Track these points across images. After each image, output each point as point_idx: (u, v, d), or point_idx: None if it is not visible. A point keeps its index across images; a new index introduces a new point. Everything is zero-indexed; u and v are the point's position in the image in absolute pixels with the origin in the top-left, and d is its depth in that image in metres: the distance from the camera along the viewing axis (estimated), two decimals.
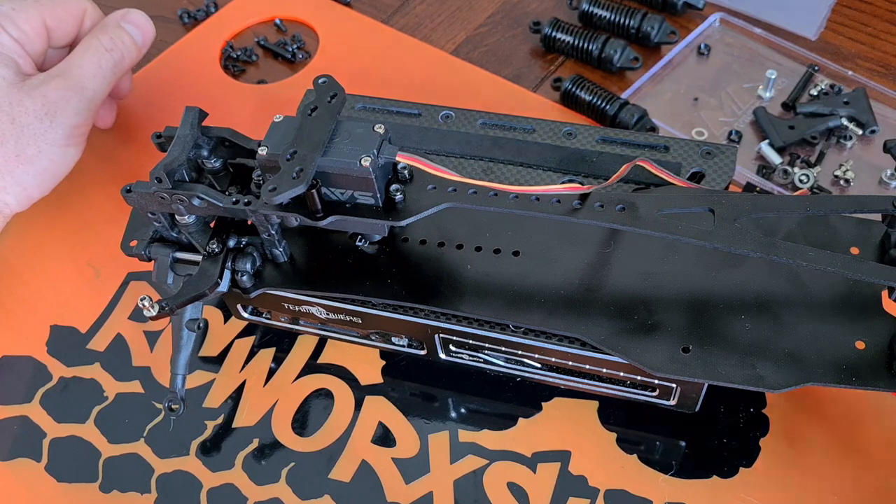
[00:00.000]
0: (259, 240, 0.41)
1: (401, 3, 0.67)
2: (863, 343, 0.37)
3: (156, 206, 0.40)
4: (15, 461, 0.45)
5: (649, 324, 0.38)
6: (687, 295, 0.39)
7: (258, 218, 0.39)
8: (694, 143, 0.45)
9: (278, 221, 0.39)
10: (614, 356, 0.38)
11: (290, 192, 0.35)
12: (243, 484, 0.44)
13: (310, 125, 0.36)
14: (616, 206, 0.36)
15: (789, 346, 0.37)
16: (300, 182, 0.34)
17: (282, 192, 0.35)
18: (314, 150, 0.35)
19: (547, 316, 0.39)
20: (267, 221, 0.39)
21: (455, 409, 0.45)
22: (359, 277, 0.41)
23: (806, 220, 0.40)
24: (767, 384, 0.36)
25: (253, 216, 0.39)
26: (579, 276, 0.40)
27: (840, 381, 0.36)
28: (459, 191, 0.37)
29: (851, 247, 0.39)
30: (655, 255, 0.40)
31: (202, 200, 0.39)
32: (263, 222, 0.39)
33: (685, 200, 0.36)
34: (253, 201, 0.38)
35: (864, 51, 0.60)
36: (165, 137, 0.41)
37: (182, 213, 0.40)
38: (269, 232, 0.40)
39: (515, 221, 0.42)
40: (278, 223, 0.40)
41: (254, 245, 0.41)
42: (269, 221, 0.39)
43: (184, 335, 0.41)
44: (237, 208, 0.38)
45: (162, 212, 0.40)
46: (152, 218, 0.41)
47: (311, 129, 0.36)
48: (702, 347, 0.38)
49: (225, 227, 0.41)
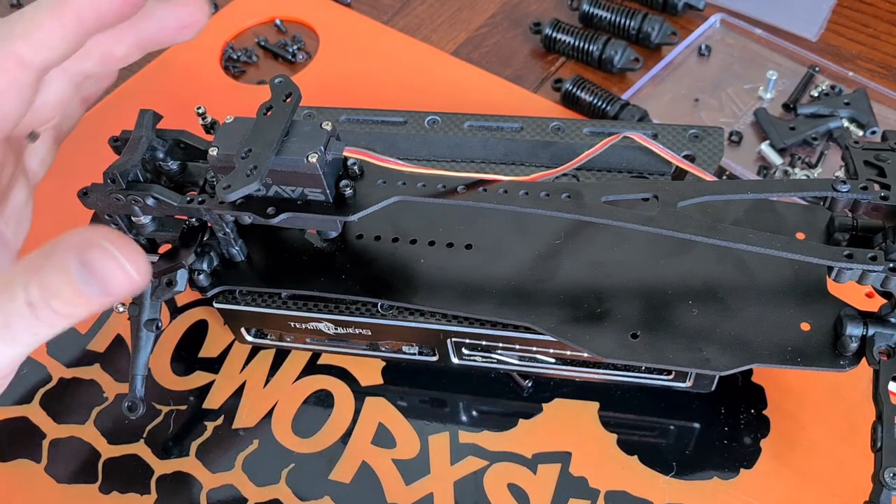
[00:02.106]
0: (216, 239, 0.42)
1: (401, 4, 0.67)
2: (808, 325, 0.38)
3: (112, 207, 0.40)
4: (14, 462, 0.45)
5: (599, 312, 0.39)
6: (636, 283, 0.40)
7: (213, 217, 0.39)
8: (681, 127, 0.46)
9: (233, 220, 0.40)
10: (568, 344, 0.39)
11: (244, 189, 0.35)
12: (243, 485, 0.44)
13: (264, 124, 0.37)
14: (562, 195, 0.36)
15: (736, 329, 0.38)
16: (253, 179, 0.35)
17: (236, 189, 0.35)
18: (268, 149, 0.36)
19: (498, 306, 0.40)
20: (222, 220, 0.40)
21: (455, 410, 0.45)
22: (314, 274, 0.42)
23: (753, 208, 0.41)
24: (713, 366, 0.37)
25: (207, 215, 0.39)
26: (531, 267, 0.41)
27: (785, 361, 0.37)
28: (409, 184, 0.38)
29: (797, 232, 0.40)
30: (605, 245, 0.41)
31: (157, 200, 0.39)
32: (218, 221, 0.40)
33: (629, 187, 0.37)
34: (207, 200, 0.39)
35: (865, 52, 0.60)
36: (122, 140, 0.42)
37: (137, 214, 0.40)
38: (225, 231, 0.40)
39: (469, 215, 0.43)
40: (233, 222, 0.40)
41: (211, 245, 0.42)
42: (224, 220, 0.40)
43: (142, 336, 0.41)
44: (191, 207, 0.39)
45: (118, 214, 0.41)
46: (109, 220, 0.41)
47: (265, 128, 0.36)
48: (650, 333, 0.38)
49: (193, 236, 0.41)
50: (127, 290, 0.30)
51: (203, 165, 0.42)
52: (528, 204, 0.36)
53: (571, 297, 0.40)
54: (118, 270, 0.30)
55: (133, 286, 0.30)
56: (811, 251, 0.34)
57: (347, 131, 0.48)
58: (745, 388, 0.44)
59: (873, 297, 0.43)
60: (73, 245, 0.30)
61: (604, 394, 0.45)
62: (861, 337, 0.36)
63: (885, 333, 0.36)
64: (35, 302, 0.30)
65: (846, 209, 0.36)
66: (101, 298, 0.30)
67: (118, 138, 0.42)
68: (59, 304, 0.30)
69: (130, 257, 0.30)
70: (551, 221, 0.42)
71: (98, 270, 0.30)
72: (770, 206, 0.41)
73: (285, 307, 0.43)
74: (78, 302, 0.30)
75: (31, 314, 0.30)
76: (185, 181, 0.42)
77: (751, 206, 0.41)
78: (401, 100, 0.57)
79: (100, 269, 0.30)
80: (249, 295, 0.43)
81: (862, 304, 0.38)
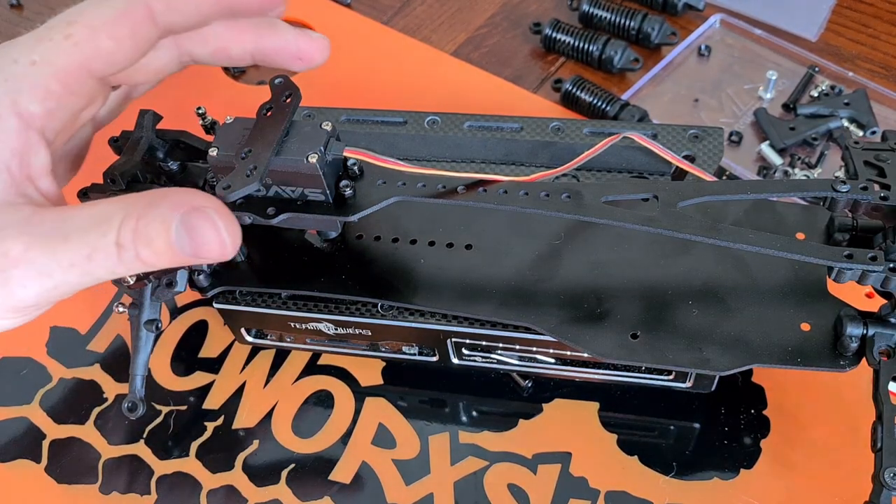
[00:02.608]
0: None
1: (401, 5, 0.67)
2: (808, 325, 0.38)
3: None
4: (14, 462, 0.45)
5: (598, 312, 0.39)
6: (636, 283, 0.40)
7: None
8: (681, 127, 0.46)
9: None
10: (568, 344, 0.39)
11: (244, 189, 0.35)
12: (243, 485, 0.44)
13: (264, 124, 0.37)
14: (562, 195, 0.36)
15: (736, 329, 0.38)
16: (253, 179, 0.35)
17: (236, 189, 0.35)
18: (268, 149, 0.36)
19: (498, 307, 0.40)
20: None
21: (455, 410, 0.45)
22: (314, 274, 0.41)
23: (753, 208, 0.41)
24: (713, 366, 0.37)
25: None
26: (530, 268, 0.41)
27: (785, 362, 0.37)
28: (409, 184, 0.38)
29: (797, 232, 0.40)
30: (605, 246, 0.41)
31: None
32: None
33: (629, 187, 0.37)
34: None
35: (865, 52, 0.60)
36: (122, 140, 0.42)
37: None
38: None
39: (469, 216, 0.43)
40: None
41: None
42: None
43: (142, 336, 0.41)
44: None
45: None
46: None
47: (265, 128, 0.36)
48: (650, 333, 0.38)
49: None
50: (217, 257, 0.34)
51: (203, 166, 0.42)
52: (528, 204, 0.36)
53: (571, 298, 0.40)
54: (216, 239, 0.33)
55: (224, 255, 0.34)
56: (811, 251, 0.34)
57: (347, 131, 0.48)
58: (745, 389, 0.44)
59: (873, 298, 0.43)
60: (180, 204, 0.33)
61: (604, 394, 0.45)
62: (861, 337, 0.36)
63: (885, 334, 0.36)
64: (125, 244, 0.32)
65: (846, 209, 0.36)
66: (189, 258, 0.33)
67: (118, 138, 0.42)
68: (148, 252, 0.32)
69: (230, 229, 0.34)
70: (551, 222, 0.42)
71: (198, 234, 0.33)
72: (770, 206, 0.41)
73: (285, 307, 0.43)
74: (166, 255, 0.33)
75: (116, 254, 0.32)
76: (185, 181, 0.42)
77: (751, 206, 0.41)
78: (401, 100, 0.57)
79: (200, 233, 0.33)
80: (249, 295, 0.43)
81: (862, 305, 0.38)
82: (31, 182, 0.35)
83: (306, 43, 0.40)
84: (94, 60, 0.36)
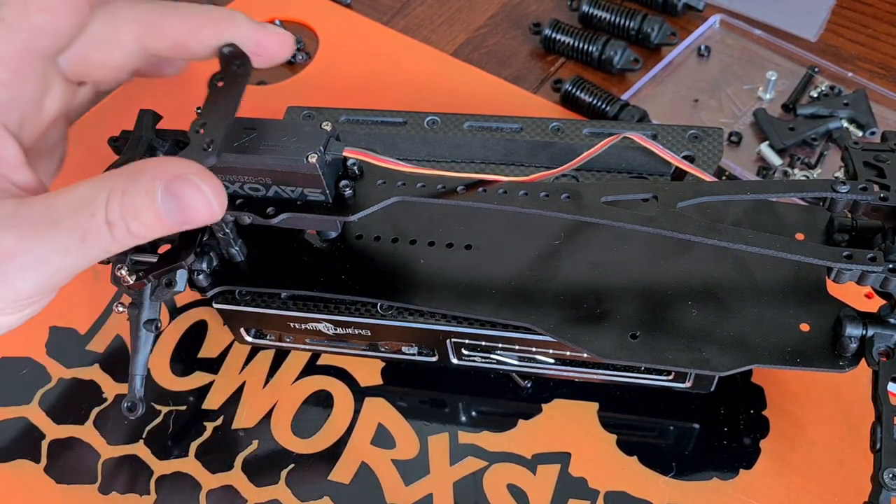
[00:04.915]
0: (216, 240, 0.42)
1: (401, 5, 0.67)
2: (807, 325, 0.38)
3: None
4: (14, 462, 0.45)
5: (598, 312, 0.39)
6: (635, 283, 0.40)
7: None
8: (680, 128, 0.46)
9: (232, 220, 0.40)
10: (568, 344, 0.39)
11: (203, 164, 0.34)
12: (243, 485, 0.44)
13: (217, 96, 0.36)
14: (561, 195, 0.36)
15: (735, 330, 0.38)
16: (211, 154, 0.34)
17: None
18: (223, 121, 0.35)
19: (498, 307, 0.40)
20: (221, 220, 0.39)
21: (455, 410, 0.45)
22: (314, 274, 0.42)
23: (752, 209, 0.41)
24: (713, 367, 0.37)
25: None
26: (530, 268, 0.41)
27: (785, 362, 0.37)
28: (408, 185, 0.38)
29: (797, 233, 0.40)
30: (605, 246, 0.41)
31: None
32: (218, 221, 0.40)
33: (629, 187, 0.37)
34: None
35: (864, 52, 0.60)
36: (122, 140, 0.42)
37: None
38: (224, 231, 0.40)
39: (469, 216, 0.43)
40: (232, 222, 0.40)
41: (210, 245, 0.42)
42: (224, 220, 0.40)
43: (141, 335, 0.41)
44: None
45: None
46: None
47: (218, 99, 0.36)
48: (649, 333, 0.38)
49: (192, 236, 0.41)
50: (206, 220, 0.34)
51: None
52: (527, 204, 0.36)
53: (571, 298, 0.40)
54: (202, 203, 0.33)
55: (213, 217, 0.33)
56: (810, 252, 0.34)
57: (347, 131, 0.48)
58: (745, 389, 0.44)
59: (873, 298, 0.43)
60: (161, 174, 0.32)
61: (603, 394, 0.45)
62: (860, 338, 0.36)
63: (885, 334, 0.36)
64: (114, 221, 0.32)
65: (846, 210, 0.36)
66: (179, 226, 0.33)
67: (118, 138, 0.42)
68: (138, 225, 0.32)
69: (215, 190, 0.33)
70: (551, 222, 0.42)
71: (184, 200, 0.32)
72: (770, 206, 0.41)
73: (285, 307, 0.43)
74: (156, 226, 0.33)
75: (108, 232, 0.32)
76: None
77: (750, 206, 0.41)
78: (401, 100, 0.57)
79: (186, 199, 0.32)
80: (249, 295, 0.43)
81: (861, 305, 0.38)
82: (6, 176, 0.35)
83: (264, 37, 0.39)
84: (34, 39, 0.35)
